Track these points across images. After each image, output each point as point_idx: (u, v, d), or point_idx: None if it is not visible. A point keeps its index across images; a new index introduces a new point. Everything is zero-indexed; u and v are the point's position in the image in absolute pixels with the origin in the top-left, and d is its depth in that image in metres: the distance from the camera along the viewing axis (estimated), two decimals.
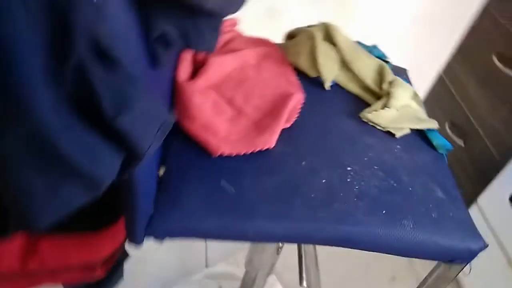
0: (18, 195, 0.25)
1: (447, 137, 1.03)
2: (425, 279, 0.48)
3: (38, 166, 0.23)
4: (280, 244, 0.71)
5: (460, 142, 1.09)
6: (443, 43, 1.18)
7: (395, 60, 0.64)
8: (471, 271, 0.44)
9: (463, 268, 0.44)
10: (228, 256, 1.12)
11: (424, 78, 1.24)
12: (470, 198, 1.04)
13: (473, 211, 1.02)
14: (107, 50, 0.25)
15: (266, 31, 0.61)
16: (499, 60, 0.98)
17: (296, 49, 0.56)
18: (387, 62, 0.60)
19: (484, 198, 1.00)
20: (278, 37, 0.63)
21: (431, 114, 0.55)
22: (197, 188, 0.41)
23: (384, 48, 0.65)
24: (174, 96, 0.47)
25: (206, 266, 1.10)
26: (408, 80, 0.62)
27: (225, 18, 0.42)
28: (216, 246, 1.09)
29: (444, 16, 1.08)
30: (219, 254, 1.10)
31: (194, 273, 1.07)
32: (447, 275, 0.45)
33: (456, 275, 0.45)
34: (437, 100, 1.23)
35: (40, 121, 0.22)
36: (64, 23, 0.21)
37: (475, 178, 1.04)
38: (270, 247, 0.67)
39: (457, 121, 1.11)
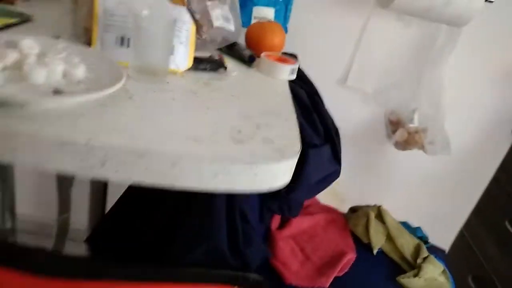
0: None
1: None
2: None
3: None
4: None
5: None
6: (463, 202, 1.38)
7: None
8: None
9: None
10: None
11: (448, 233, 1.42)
12: None
13: None
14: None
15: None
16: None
17: (355, 221, 0.78)
18: (426, 242, 0.79)
19: None
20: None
21: (454, 267, 0.71)
22: None
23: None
24: (268, 239, 0.70)
25: None
26: (443, 259, 0.79)
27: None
28: None
29: (463, 180, 1.30)
30: None
31: None
32: None
33: None
34: (460, 254, 1.35)
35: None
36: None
37: None
38: None
39: (479, 276, 1.20)
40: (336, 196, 1.19)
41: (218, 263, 0.50)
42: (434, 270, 0.70)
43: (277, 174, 0.36)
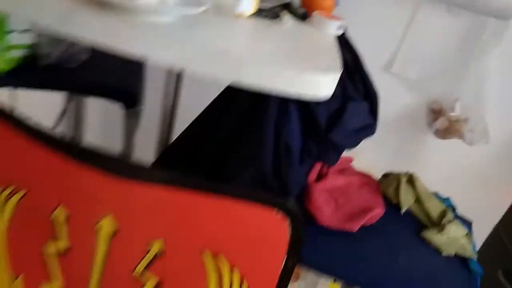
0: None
1: (499, 283, 1.14)
2: None
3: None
4: None
5: None
6: (501, 196, 1.39)
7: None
8: None
9: None
10: None
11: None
12: None
13: None
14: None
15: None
16: None
17: (386, 183, 0.84)
18: (454, 210, 0.84)
19: None
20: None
21: (486, 260, 0.77)
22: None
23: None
24: (305, 186, 0.78)
25: None
26: (470, 229, 0.84)
27: (344, 152, 0.75)
28: None
29: (503, 174, 1.31)
30: None
31: None
32: None
33: None
34: (492, 248, 1.37)
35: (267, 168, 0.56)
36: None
37: None
38: None
39: (509, 270, 1.23)
40: None
41: (262, 187, 0.59)
42: (457, 231, 0.76)
43: (321, 85, 0.44)
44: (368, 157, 1.02)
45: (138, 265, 0.63)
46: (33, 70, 0.91)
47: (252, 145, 0.56)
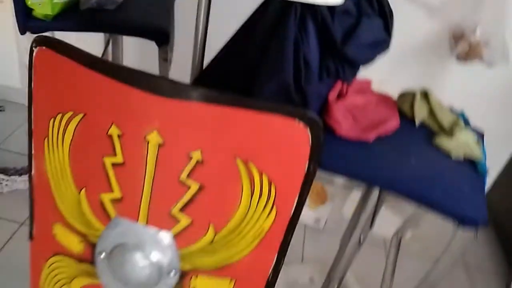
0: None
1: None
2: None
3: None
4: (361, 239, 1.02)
5: None
6: None
7: None
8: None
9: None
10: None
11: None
12: None
13: None
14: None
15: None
16: None
17: (402, 99, 0.91)
18: (466, 121, 0.90)
19: None
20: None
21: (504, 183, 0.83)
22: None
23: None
24: (325, 104, 0.86)
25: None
26: (482, 139, 0.91)
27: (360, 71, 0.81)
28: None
29: None
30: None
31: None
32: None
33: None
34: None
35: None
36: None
37: None
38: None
39: None
40: None
41: (285, 100, 0.68)
42: (467, 136, 0.83)
43: None
44: (389, 81, 1.07)
45: (182, 173, 0.74)
46: (75, 14, 1.00)
47: (274, 61, 0.64)
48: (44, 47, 0.77)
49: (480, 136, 0.91)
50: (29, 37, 1.25)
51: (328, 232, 1.57)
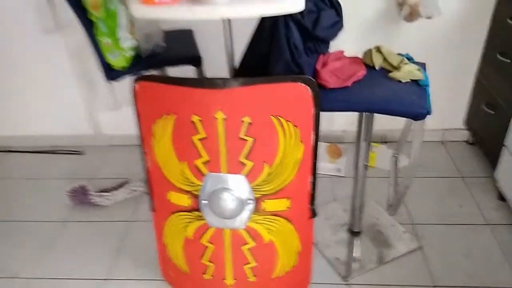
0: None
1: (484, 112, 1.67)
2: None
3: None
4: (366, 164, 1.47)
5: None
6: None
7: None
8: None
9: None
10: None
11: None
12: None
13: None
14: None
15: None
16: None
17: (364, 55, 1.38)
18: (410, 59, 1.36)
19: None
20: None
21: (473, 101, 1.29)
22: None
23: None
24: (315, 72, 1.33)
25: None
26: (424, 68, 1.35)
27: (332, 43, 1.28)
28: None
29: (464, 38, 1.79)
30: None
31: None
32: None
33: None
34: (477, 93, 1.90)
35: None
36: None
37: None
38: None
39: (489, 102, 1.76)
40: None
41: (289, 73, 1.15)
42: (410, 67, 1.28)
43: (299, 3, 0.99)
44: (362, 47, 1.54)
45: (240, 133, 1.20)
46: (140, 60, 1.51)
47: (276, 49, 1.11)
48: (141, 81, 1.27)
49: (422, 65, 1.36)
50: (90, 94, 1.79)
51: (348, 177, 2.02)
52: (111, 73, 1.51)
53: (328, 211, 1.84)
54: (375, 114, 1.34)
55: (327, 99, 1.23)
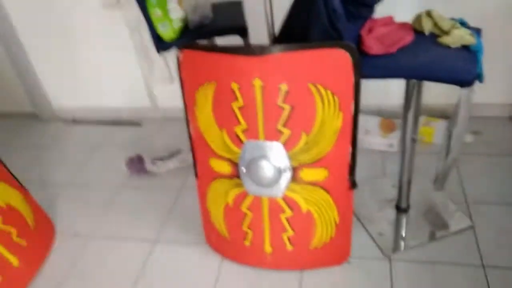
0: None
1: None
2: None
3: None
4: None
5: None
6: None
7: None
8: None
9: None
10: None
11: None
12: None
13: None
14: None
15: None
16: None
17: (414, 21, 1.30)
18: (464, 24, 1.26)
19: None
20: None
21: None
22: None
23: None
24: (359, 38, 1.28)
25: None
26: (479, 34, 1.25)
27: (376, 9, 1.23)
28: None
29: None
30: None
31: None
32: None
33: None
34: None
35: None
36: None
37: None
38: None
39: None
40: None
41: (327, 38, 1.12)
42: (461, 32, 1.19)
43: None
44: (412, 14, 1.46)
45: (278, 100, 1.20)
46: (188, 32, 1.55)
47: (315, 14, 1.09)
48: (184, 50, 1.30)
49: (477, 31, 1.26)
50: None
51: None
52: (162, 45, 1.56)
53: (376, 186, 1.79)
54: (430, 85, 1.27)
55: (368, 65, 1.19)
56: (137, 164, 2.07)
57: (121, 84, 2.41)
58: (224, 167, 1.38)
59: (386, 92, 2.09)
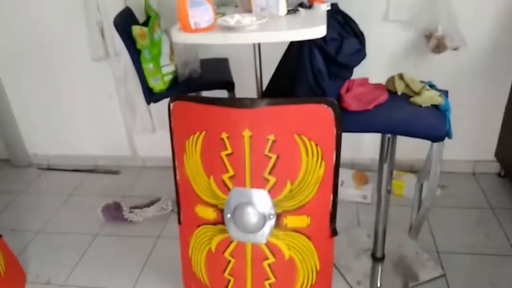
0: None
1: None
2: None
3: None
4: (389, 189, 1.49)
5: None
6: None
7: None
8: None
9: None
10: None
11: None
12: None
13: None
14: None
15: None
16: None
17: (388, 82, 1.44)
18: (432, 86, 1.41)
19: None
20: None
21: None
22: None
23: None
24: (339, 96, 1.39)
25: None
26: (445, 95, 1.40)
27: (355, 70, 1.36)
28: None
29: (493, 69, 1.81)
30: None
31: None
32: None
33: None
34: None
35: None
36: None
37: None
38: None
39: None
40: None
41: (313, 95, 1.23)
42: (431, 93, 1.33)
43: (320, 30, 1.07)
44: (385, 77, 1.60)
45: (265, 150, 1.28)
46: (177, 85, 1.63)
47: (301, 74, 1.20)
48: (176, 101, 1.37)
49: (444, 92, 1.41)
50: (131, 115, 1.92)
51: (373, 203, 2.03)
52: (152, 96, 1.63)
53: (352, 236, 1.85)
54: (399, 141, 1.38)
55: (348, 120, 1.29)
56: (113, 211, 2.05)
57: (101, 133, 2.44)
58: (209, 214, 1.41)
59: (358, 146, 2.22)
